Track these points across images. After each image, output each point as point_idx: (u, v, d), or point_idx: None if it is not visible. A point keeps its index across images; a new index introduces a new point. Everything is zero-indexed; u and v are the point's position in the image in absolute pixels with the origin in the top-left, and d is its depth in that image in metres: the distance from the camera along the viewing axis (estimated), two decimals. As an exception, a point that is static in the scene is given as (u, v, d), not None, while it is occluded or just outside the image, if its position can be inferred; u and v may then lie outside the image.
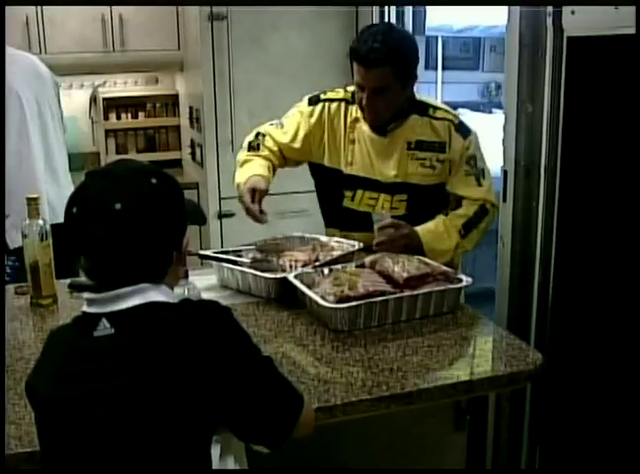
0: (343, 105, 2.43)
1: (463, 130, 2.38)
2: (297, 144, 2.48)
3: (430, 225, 2.35)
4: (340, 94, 2.46)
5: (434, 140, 2.36)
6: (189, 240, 1.38)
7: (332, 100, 2.45)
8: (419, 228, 2.33)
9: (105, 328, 1.23)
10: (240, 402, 1.25)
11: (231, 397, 1.24)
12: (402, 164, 2.38)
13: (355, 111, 2.40)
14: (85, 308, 1.28)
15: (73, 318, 1.32)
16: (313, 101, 2.48)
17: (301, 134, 2.47)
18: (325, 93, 2.50)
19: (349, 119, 2.42)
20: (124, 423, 1.19)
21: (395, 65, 2.23)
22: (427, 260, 2.13)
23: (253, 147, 2.52)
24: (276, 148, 2.51)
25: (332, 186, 2.51)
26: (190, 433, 1.21)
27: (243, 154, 2.53)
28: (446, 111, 2.41)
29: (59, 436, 1.26)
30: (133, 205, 1.23)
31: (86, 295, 1.29)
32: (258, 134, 2.54)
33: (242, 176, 2.41)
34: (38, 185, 2.93)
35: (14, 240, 2.71)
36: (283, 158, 2.53)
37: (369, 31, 2.28)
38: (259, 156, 2.48)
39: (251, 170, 2.41)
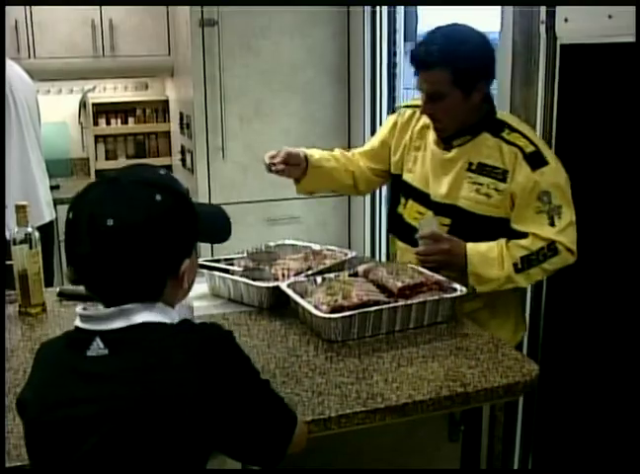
0: (417, 111, 2.25)
1: (535, 161, 2.05)
2: (377, 150, 2.43)
3: (482, 246, 2.08)
4: (417, 101, 2.26)
5: (497, 166, 2.09)
6: (195, 262, 1.31)
7: (408, 106, 2.36)
8: (469, 247, 2.08)
9: (98, 348, 1.17)
10: (237, 426, 1.21)
11: (229, 422, 1.19)
12: (456, 184, 2.15)
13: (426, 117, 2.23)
14: (78, 323, 1.23)
15: (65, 333, 1.27)
16: (393, 110, 2.38)
17: (381, 140, 2.41)
18: (407, 101, 2.38)
19: (418, 125, 2.28)
20: (117, 448, 1.14)
21: (453, 69, 2.02)
22: (421, 269, 2.10)
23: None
24: (355, 157, 2.47)
25: (393, 188, 2.42)
26: (185, 457, 1.16)
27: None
28: (523, 135, 2.10)
29: (49, 458, 1.21)
30: (127, 223, 1.15)
31: (78, 310, 1.23)
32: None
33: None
34: (36, 188, 3.25)
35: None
36: (371, 174, 2.46)
37: (434, 30, 2.10)
38: (335, 153, 2.46)
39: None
